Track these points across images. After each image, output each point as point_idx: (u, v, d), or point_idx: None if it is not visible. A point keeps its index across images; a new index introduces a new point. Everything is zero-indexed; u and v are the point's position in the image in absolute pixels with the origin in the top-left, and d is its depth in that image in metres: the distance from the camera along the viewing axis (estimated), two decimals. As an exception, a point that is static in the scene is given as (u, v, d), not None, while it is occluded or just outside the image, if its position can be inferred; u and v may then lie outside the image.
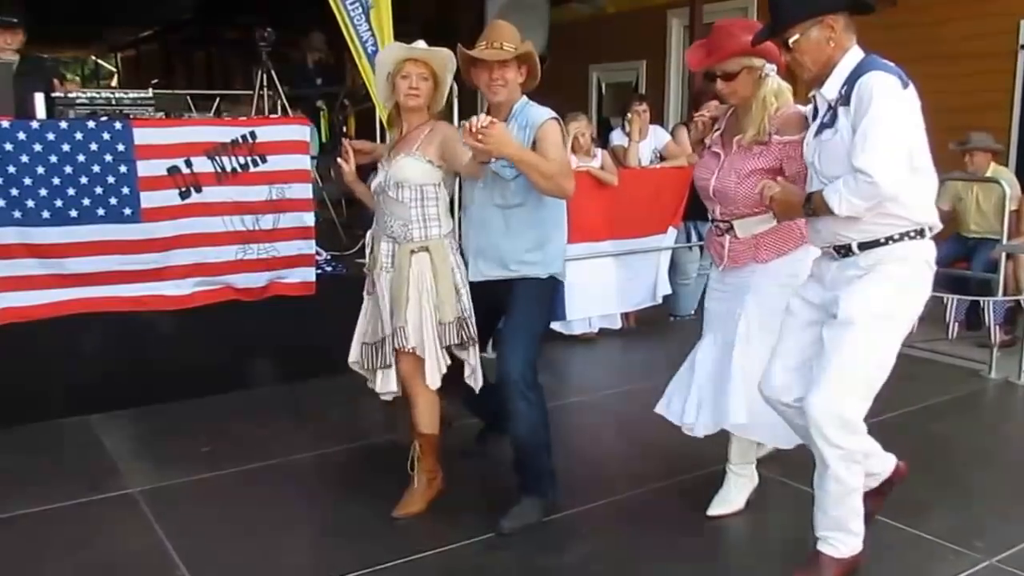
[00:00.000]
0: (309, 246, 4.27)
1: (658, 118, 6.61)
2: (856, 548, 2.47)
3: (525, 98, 2.88)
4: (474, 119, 2.55)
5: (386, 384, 2.92)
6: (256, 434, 3.65)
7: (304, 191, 4.21)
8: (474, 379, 2.92)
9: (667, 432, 2.85)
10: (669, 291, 5.52)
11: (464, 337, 2.86)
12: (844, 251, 2.38)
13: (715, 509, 2.92)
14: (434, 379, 2.84)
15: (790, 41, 2.33)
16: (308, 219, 4.24)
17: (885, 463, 2.67)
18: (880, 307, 2.32)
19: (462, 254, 2.95)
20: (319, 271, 4.38)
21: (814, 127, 2.44)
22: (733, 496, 2.95)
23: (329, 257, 4.74)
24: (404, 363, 2.87)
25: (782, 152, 2.64)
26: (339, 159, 3.01)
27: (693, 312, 5.76)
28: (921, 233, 2.33)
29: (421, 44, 2.86)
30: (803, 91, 2.61)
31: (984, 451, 3.57)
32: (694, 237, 5.66)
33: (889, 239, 2.32)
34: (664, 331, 5.55)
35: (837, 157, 2.30)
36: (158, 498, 3.03)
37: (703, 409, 2.82)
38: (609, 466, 3.33)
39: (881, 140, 2.18)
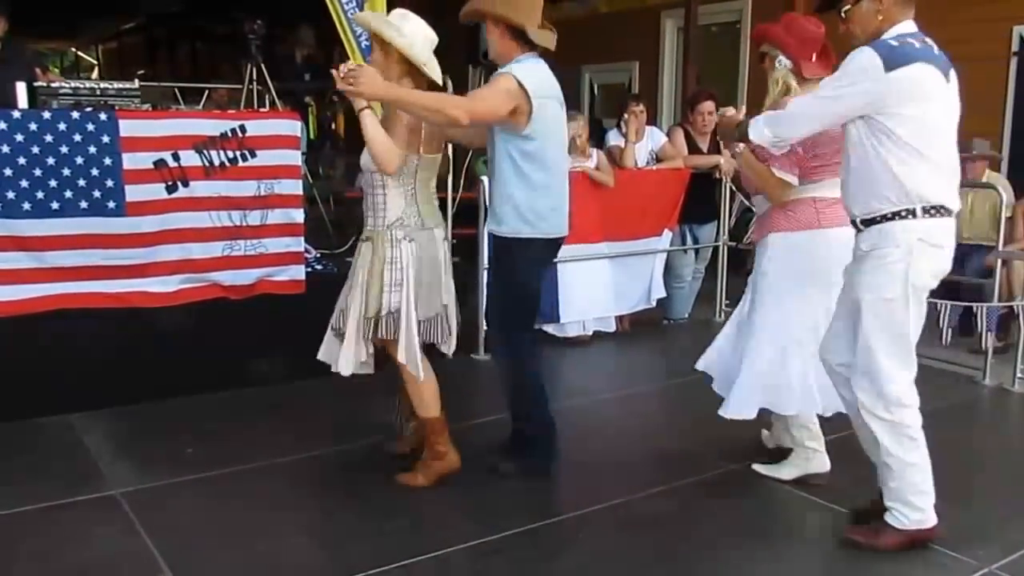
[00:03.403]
0: (298, 243, 4.18)
1: (651, 120, 6.56)
2: (921, 523, 2.59)
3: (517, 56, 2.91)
4: (342, 66, 2.64)
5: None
6: (241, 435, 3.57)
7: (294, 187, 4.12)
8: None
9: (662, 437, 2.82)
10: (664, 294, 5.47)
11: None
12: (854, 225, 2.61)
13: (768, 470, 3.10)
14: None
15: (843, 11, 2.57)
16: (297, 215, 4.15)
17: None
18: (878, 291, 2.51)
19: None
20: (308, 269, 4.29)
21: None
22: (786, 468, 3.10)
23: (319, 255, 4.66)
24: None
25: None
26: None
27: (687, 315, 5.73)
28: (913, 213, 2.46)
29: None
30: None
31: (980, 457, 3.56)
32: (689, 240, 5.61)
33: (883, 217, 2.49)
34: (658, 334, 5.50)
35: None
36: (141, 500, 2.95)
37: None
38: (604, 471, 3.27)
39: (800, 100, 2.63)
